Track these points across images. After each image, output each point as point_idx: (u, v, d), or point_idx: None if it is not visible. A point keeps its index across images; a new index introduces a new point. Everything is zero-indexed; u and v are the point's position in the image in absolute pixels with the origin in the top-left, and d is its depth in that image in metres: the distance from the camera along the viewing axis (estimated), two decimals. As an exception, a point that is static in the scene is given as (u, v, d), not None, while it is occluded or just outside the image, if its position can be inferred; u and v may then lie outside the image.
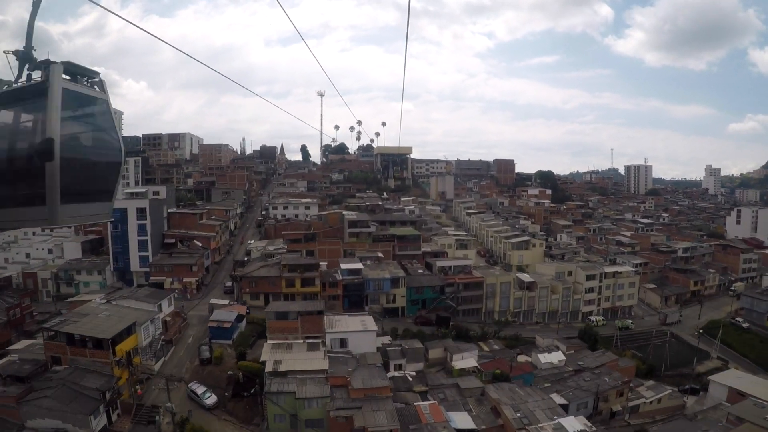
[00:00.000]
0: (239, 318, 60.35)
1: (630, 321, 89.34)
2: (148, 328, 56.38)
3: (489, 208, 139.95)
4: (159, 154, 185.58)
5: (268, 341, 50.27)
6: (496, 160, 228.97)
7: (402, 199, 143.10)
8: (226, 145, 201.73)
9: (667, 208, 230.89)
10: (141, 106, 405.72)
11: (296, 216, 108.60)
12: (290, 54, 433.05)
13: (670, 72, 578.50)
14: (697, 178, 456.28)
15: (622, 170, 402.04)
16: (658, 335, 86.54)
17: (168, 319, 62.53)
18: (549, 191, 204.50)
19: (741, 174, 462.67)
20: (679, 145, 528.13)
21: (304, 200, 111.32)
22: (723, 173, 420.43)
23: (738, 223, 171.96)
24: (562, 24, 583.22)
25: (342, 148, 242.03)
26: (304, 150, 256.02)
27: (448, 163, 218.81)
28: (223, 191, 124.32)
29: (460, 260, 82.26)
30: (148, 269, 78.41)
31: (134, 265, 79.80)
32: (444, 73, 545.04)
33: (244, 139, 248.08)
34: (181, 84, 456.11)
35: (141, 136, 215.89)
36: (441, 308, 75.80)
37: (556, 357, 64.28)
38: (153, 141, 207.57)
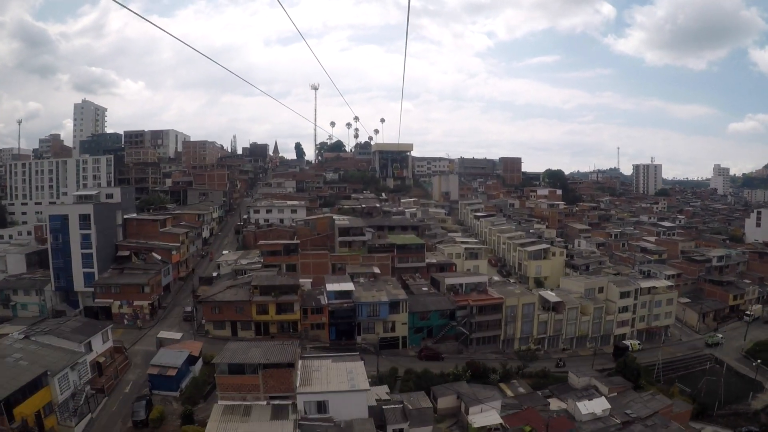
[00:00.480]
0: (191, 360, 46.47)
1: (720, 335, 77.73)
2: (67, 377, 42.61)
3: (499, 211, 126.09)
4: (140, 153, 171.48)
5: (219, 401, 36.44)
6: (502, 159, 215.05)
7: (402, 200, 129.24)
8: (213, 143, 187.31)
9: (681, 209, 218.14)
10: (140, 106, 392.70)
11: (281, 221, 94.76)
12: (290, 54, 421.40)
13: (670, 71, 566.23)
14: (699, 178, 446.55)
15: (623, 170, 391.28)
16: (700, 360, 73.93)
17: (102, 359, 48.74)
18: (559, 192, 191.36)
19: (743, 174, 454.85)
20: (679, 145, 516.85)
21: (290, 203, 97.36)
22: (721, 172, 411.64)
23: (758, 225, 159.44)
24: (562, 23, 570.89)
25: (338, 146, 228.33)
26: (298, 148, 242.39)
27: (450, 161, 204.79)
28: (200, 193, 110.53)
29: (474, 276, 68.32)
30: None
31: (78, 283, 65.83)
32: (444, 73, 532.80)
33: (235, 137, 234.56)
34: (181, 84, 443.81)
35: (123, 133, 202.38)
36: (451, 336, 62.09)
37: (599, 405, 50.59)
38: (135, 138, 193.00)
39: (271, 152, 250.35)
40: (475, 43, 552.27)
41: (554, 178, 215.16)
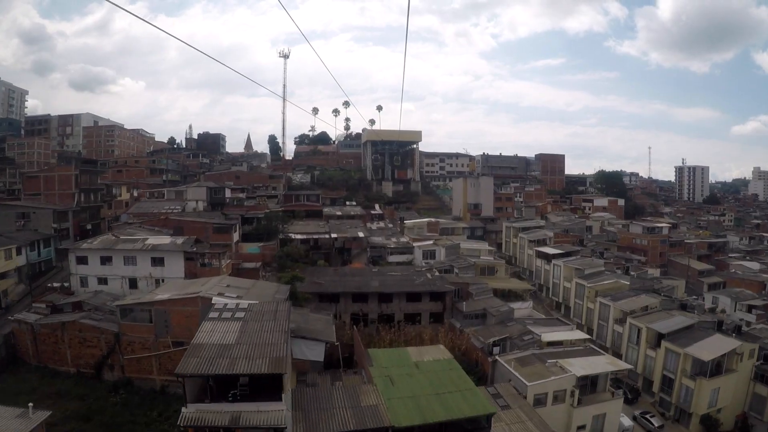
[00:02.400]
0: None
1: None
2: None
3: (578, 242, 71.59)
4: (25, 144, 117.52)
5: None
6: (539, 156, 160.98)
7: (406, 222, 75.08)
8: (138, 130, 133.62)
9: (758, 224, 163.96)
10: (143, 105, 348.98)
11: (131, 284, 40.90)
12: (297, 54, 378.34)
13: (674, 75, 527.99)
14: (712, 181, 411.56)
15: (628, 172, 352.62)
16: None
17: None
18: (621, 202, 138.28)
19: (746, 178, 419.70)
20: (683, 147, 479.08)
21: (151, 241, 42.54)
22: (724, 176, 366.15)
23: None
24: (569, 25, 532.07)
25: (323, 139, 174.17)
26: (272, 141, 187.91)
27: (471, 159, 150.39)
28: (19, 213, 56.92)
29: None
30: None
31: None
32: (450, 75, 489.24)
33: (191, 126, 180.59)
34: (185, 83, 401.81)
35: (23, 119, 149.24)
36: None
37: None
38: (38, 126, 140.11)
39: (243, 147, 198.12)
40: (481, 46, 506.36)
41: (608, 182, 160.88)
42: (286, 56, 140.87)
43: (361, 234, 60.43)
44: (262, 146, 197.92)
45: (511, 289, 50.14)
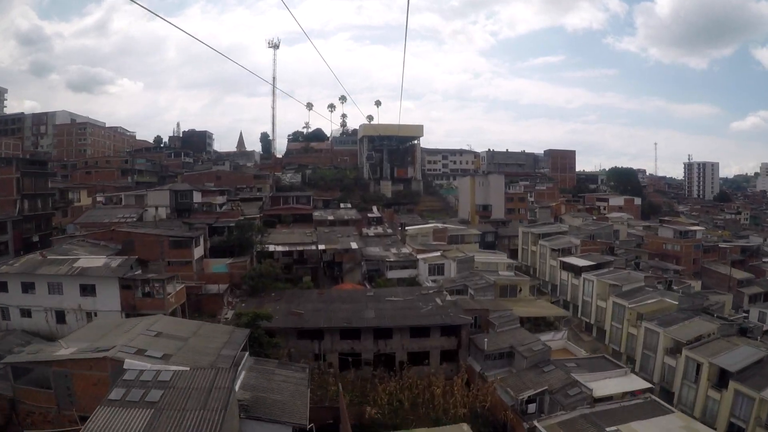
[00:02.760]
0: None
1: None
2: None
3: (608, 251, 61.91)
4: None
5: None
6: (549, 152, 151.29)
7: (408, 228, 65.60)
8: (117, 128, 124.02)
9: None
10: (142, 106, 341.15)
11: (56, 318, 31.29)
12: (295, 54, 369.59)
13: (672, 71, 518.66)
14: None
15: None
16: None
17: None
18: (638, 201, 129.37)
19: (755, 173, 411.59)
20: (682, 144, 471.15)
21: (82, 263, 32.71)
22: (724, 172, 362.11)
23: None
24: (569, 22, 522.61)
25: (318, 136, 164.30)
26: (264, 140, 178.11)
27: (476, 155, 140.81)
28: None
29: None
30: None
31: None
32: (450, 73, 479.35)
33: (178, 124, 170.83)
34: (184, 84, 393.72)
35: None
36: None
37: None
38: (11, 125, 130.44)
39: (235, 146, 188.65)
40: (481, 43, 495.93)
41: (621, 180, 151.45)
42: (275, 46, 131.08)
43: (354, 245, 50.87)
44: (258, 145, 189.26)
45: (541, 316, 40.64)
